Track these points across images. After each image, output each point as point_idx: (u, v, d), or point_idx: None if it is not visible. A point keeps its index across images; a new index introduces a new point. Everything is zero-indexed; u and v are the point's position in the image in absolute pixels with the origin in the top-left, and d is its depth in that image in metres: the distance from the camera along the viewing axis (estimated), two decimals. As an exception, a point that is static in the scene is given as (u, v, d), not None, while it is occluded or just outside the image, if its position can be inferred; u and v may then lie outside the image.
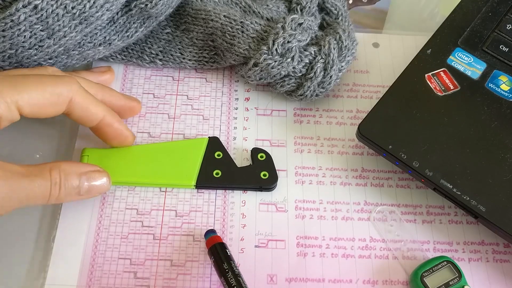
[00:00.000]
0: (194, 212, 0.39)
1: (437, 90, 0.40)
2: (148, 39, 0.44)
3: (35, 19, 0.34)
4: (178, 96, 0.44)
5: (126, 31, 0.40)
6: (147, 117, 0.43)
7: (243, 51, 0.41)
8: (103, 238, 0.38)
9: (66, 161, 0.35)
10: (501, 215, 0.35)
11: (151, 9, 0.39)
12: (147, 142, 0.42)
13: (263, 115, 0.44)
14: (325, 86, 0.42)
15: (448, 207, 0.40)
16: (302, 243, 0.38)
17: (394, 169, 0.41)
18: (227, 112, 0.44)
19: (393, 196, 0.40)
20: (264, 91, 0.45)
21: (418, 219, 0.39)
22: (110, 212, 0.39)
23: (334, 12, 0.45)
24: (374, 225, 0.39)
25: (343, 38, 0.42)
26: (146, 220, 0.38)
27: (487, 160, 0.37)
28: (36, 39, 0.35)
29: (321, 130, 0.43)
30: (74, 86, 0.35)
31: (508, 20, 0.43)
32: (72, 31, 0.36)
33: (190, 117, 0.43)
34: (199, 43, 0.44)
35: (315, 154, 0.42)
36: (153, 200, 0.39)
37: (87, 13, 0.35)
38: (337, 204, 0.40)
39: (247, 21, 0.41)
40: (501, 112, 0.39)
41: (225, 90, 0.45)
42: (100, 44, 0.40)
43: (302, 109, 0.44)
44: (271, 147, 0.42)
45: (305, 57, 0.41)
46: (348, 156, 0.42)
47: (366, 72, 0.46)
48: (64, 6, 0.34)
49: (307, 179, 0.41)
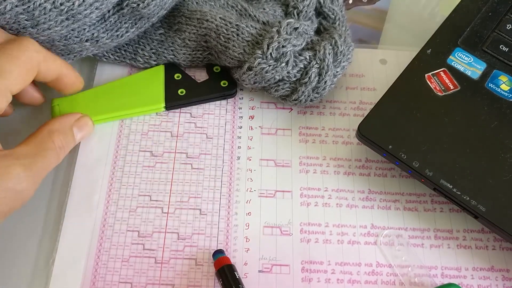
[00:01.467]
0: (197, 235, 0.38)
1: (437, 90, 0.40)
2: (141, 40, 0.44)
3: (21, 9, 0.34)
4: (182, 114, 0.43)
5: (116, 30, 0.40)
6: (149, 135, 0.42)
7: (238, 54, 0.41)
8: (104, 261, 0.37)
9: (56, 119, 0.38)
10: (501, 215, 0.35)
11: (143, 9, 0.38)
12: (149, 161, 0.41)
13: (267, 134, 0.43)
14: (319, 92, 0.41)
15: (457, 231, 0.39)
16: (307, 268, 0.37)
17: (402, 191, 0.40)
18: (231, 130, 0.43)
19: (401, 219, 0.39)
20: (268, 109, 0.44)
21: (425, 243, 0.39)
22: (110, 234, 0.38)
23: (331, 17, 0.45)
24: (381, 249, 0.38)
25: (339, 44, 0.41)
26: (148, 242, 0.38)
27: (487, 160, 0.37)
28: (19, 25, 0.35)
29: (327, 150, 0.42)
30: (37, 47, 0.35)
31: (508, 20, 0.43)
32: (57, 25, 0.36)
33: (194, 135, 0.42)
34: (191, 44, 0.43)
35: (321, 175, 0.41)
36: (155, 222, 0.38)
37: (75, 10, 0.35)
38: (343, 227, 0.39)
39: (243, 24, 0.41)
40: (501, 112, 0.39)
41: (229, 108, 0.44)
42: (87, 40, 0.39)
43: (307, 128, 0.43)
44: (276, 167, 0.41)
45: (299, 62, 0.40)
46: (355, 177, 0.41)
47: (373, 89, 0.45)
48: (53, 1, 0.34)
49: (312, 201, 0.40)
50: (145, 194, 0.39)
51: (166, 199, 0.39)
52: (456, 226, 0.39)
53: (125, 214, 0.39)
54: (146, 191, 0.40)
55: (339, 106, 0.44)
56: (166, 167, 0.41)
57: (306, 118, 0.44)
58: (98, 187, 0.40)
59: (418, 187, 0.41)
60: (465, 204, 0.36)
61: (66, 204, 0.38)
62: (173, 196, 0.39)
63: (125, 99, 0.43)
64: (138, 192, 0.39)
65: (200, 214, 0.39)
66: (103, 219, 0.38)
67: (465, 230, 0.39)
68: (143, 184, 0.40)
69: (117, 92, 0.43)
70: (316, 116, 0.44)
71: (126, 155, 0.41)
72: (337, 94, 0.45)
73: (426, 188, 0.41)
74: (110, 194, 0.39)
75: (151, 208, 0.39)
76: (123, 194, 0.39)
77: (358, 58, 0.47)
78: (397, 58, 0.47)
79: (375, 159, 0.42)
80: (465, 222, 0.39)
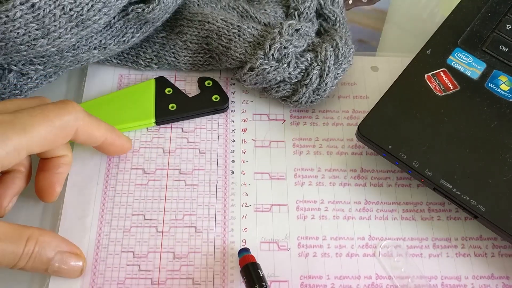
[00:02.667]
0: (193, 254, 0.37)
1: (437, 90, 0.40)
2: (143, 43, 0.44)
3: (31, 17, 0.33)
4: (173, 129, 0.42)
5: (122, 36, 0.40)
6: (141, 152, 0.41)
7: (239, 55, 0.41)
8: (99, 284, 0.36)
9: (49, 233, 0.34)
10: (501, 215, 0.35)
11: (148, 14, 0.38)
12: (142, 179, 0.40)
13: (261, 147, 0.42)
14: (320, 93, 0.41)
15: (455, 239, 0.39)
16: (306, 283, 0.37)
17: (398, 200, 0.40)
18: (224, 144, 0.42)
19: (398, 229, 0.39)
20: (261, 121, 0.43)
21: (424, 253, 0.38)
22: (105, 256, 0.37)
23: (332, 19, 0.45)
24: (379, 261, 0.38)
25: (340, 46, 0.41)
26: (143, 263, 0.37)
27: (487, 160, 0.37)
28: (29, 37, 0.34)
29: (322, 161, 0.42)
30: (80, 114, 0.34)
31: (508, 20, 0.43)
32: (67, 33, 0.35)
33: (186, 150, 0.42)
34: (193, 47, 0.43)
35: (317, 187, 0.40)
36: (150, 241, 0.38)
37: (85, 16, 0.35)
38: (341, 240, 0.38)
39: (244, 26, 0.41)
40: (501, 112, 0.39)
41: (221, 121, 0.43)
42: (95, 48, 0.39)
43: (301, 139, 0.43)
44: (271, 180, 0.41)
45: (301, 63, 0.40)
46: (351, 188, 0.41)
47: (366, 97, 0.45)
48: (62, 7, 0.34)
49: (309, 214, 0.39)
50: (138, 213, 0.39)
51: (160, 217, 0.39)
52: (454, 234, 0.39)
53: (119, 234, 0.38)
54: (139, 210, 0.39)
55: (332, 115, 0.44)
56: (159, 185, 0.40)
57: (299, 129, 0.43)
58: (91, 207, 0.39)
59: (414, 196, 0.40)
60: (465, 204, 0.36)
61: (58, 227, 0.38)
62: (167, 214, 0.39)
63: (115, 114, 0.42)
64: (131, 212, 0.39)
65: (195, 232, 0.38)
66: (97, 240, 0.37)
67: (463, 238, 0.39)
68: (136, 203, 0.39)
69: (107, 107, 0.42)
70: (309, 127, 0.43)
71: (118, 173, 0.40)
72: (330, 103, 0.44)
73: (422, 196, 0.40)
74: (103, 214, 0.38)
75: (145, 227, 0.38)
76: (116, 214, 0.39)
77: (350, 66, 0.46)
78: (389, 65, 0.47)
79: (370, 168, 0.41)
80: (463, 229, 0.39)
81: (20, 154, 0.32)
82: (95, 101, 0.43)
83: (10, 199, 0.36)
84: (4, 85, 0.39)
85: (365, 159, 0.42)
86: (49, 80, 0.41)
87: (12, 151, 0.31)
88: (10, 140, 0.31)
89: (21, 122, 0.32)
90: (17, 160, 0.32)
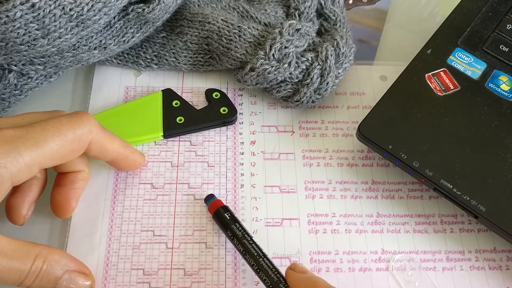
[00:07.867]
0: (204, 270, 0.37)
1: (437, 90, 0.40)
2: (144, 43, 0.44)
3: (31, 17, 0.33)
4: (181, 142, 0.42)
5: (122, 36, 0.40)
6: (149, 166, 0.41)
7: (240, 55, 0.41)
8: (109, 303, 0.35)
9: (58, 251, 0.33)
10: (501, 215, 0.35)
11: (148, 14, 0.38)
12: (150, 194, 0.40)
13: (270, 159, 0.42)
14: (321, 93, 0.41)
15: (468, 252, 0.38)
16: (319, 299, 0.36)
17: (410, 213, 0.40)
18: (233, 157, 0.41)
19: (411, 242, 0.39)
20: (270, 133, 0.43)
21: (438, 266, 0.38)
22: (115, 273, 0.36)
23: (333, 18, 0.45)
24: (393, 275, 0.37)
25: (341, 45, 0.41)
26: (154, 280, 0.36)
27: (487, 160, 0.37)
28: (30, 37, 0.34)
29: (332, 173, 0.41)
30: (94, 127, 0.34)
31: (508, 20, 0.44)
32: (68, 33, 0.35)
33: (194, 164, 0.41)
34: (193, 47, 0.43)
35: (328, 200, 0.40)
36: (160, 258, 0.37)
37: (85, 16, 0.35)
38: (353, 254, 0.38)
39: (245, 26, 0.41)
40: (501, 112, 0.39)
41: (230, 134, 0.42)
42: (96, 48, 0.39)
43: (310, 150, 0.42)
44: (281, 193, 0.40)
45: (302, 63, 0.40)
46: (362, 200, 0.40)
47: (375, 107, 0.44)
48: (62, 7, 0.33)
49: (320, 228, 0.39)
50: (148, 229, 0.38)
51: (170, 233, 0.38)
52: (468, 247, 0.38)
53: (129, 251, 0.37)
54: (148, 226, 0.38)
55: (342, 126, 0.43)
56: (168, 199, 0.39)
57: (308, 140, 0.43)
58: (99, 223, 0.38)
59: (426, 208, 0.40)
60: (465, 204, 0.36)
61: (67, 244, 0.37)
62: (177, 230, 0.38)
63: (122, 128, 0.41)
64: (140, 228, 0.38)
65: (206, 248, 0.38)
66: (106, 258, 0.37)
67: (477, 251, 0.38)
68: (145, 218, 0.39)
69: (113, 121, 0.42)
70: (318, 138, 0.43)
71: (126, 189, 0.40)
72: (339, 114, 0.44)
73: (435, 208, 0.40)
74: (111, 231, 0.38)
75: (155, 243, 0.38)
76: (125, 230, 0.38)
77: (358, 75, 0.46)
78: (397, 74, 0.46)
79: (381, 180, 0.41)
80: (476, 242, 0.39)
81: (32, 170, 0.31)
82: (101, 114, 0.42)
83: (28, 207, 0.36)
84: (4, 85, 0.39)
85: (376, 171, 0.41)
86: (49, 80, 0.41)
87: (24, 167, 0.31)
88: (22, 156, 0.30)
89: (34, 137, 0.31)
90: (29, 176, 0.32)
